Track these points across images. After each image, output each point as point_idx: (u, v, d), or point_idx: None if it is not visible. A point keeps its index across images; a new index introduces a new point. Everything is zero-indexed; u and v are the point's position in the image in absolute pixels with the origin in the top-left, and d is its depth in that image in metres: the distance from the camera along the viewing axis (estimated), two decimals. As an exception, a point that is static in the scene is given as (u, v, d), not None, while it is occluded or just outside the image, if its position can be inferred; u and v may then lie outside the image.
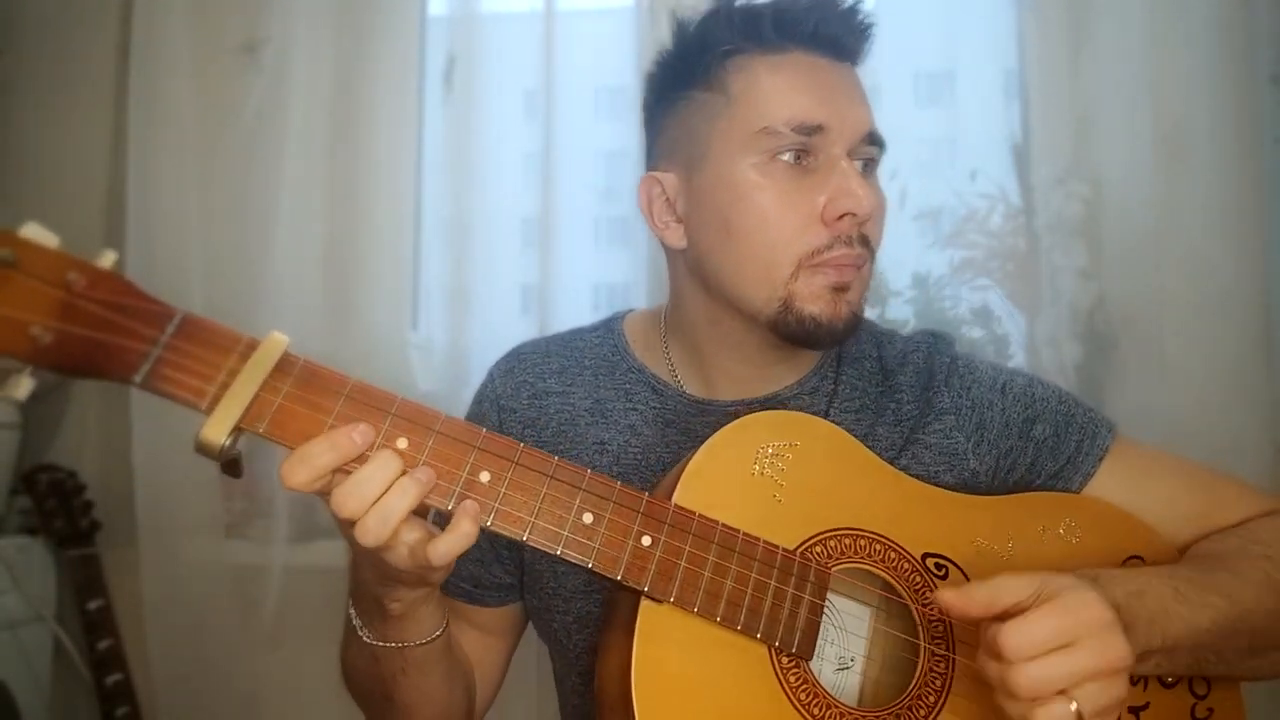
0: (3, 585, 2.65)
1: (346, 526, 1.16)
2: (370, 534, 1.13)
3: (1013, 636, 1.14)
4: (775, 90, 1.44)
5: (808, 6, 1.45)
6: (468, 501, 1.17)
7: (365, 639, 1.37)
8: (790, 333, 1.45)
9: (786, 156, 1.43)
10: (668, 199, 1.54)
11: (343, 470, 1.15)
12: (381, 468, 1.14)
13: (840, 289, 1.44)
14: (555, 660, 1.67)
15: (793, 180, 1.43)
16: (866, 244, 1.45)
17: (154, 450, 2.77)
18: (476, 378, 1.74)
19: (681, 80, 1.52)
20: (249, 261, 2.85)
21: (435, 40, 2.99)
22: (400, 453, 1.16)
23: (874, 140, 1.48)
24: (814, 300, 1.43)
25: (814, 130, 1.42)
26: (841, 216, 1.41)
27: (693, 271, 1.54)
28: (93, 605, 2.73)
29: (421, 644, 1.37)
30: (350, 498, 1.13)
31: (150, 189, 2.85)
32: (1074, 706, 1.13)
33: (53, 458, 2.87)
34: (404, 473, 1.16)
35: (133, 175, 2.85)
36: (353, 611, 1.38)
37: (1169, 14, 2.63)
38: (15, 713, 2.58)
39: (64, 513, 2.75)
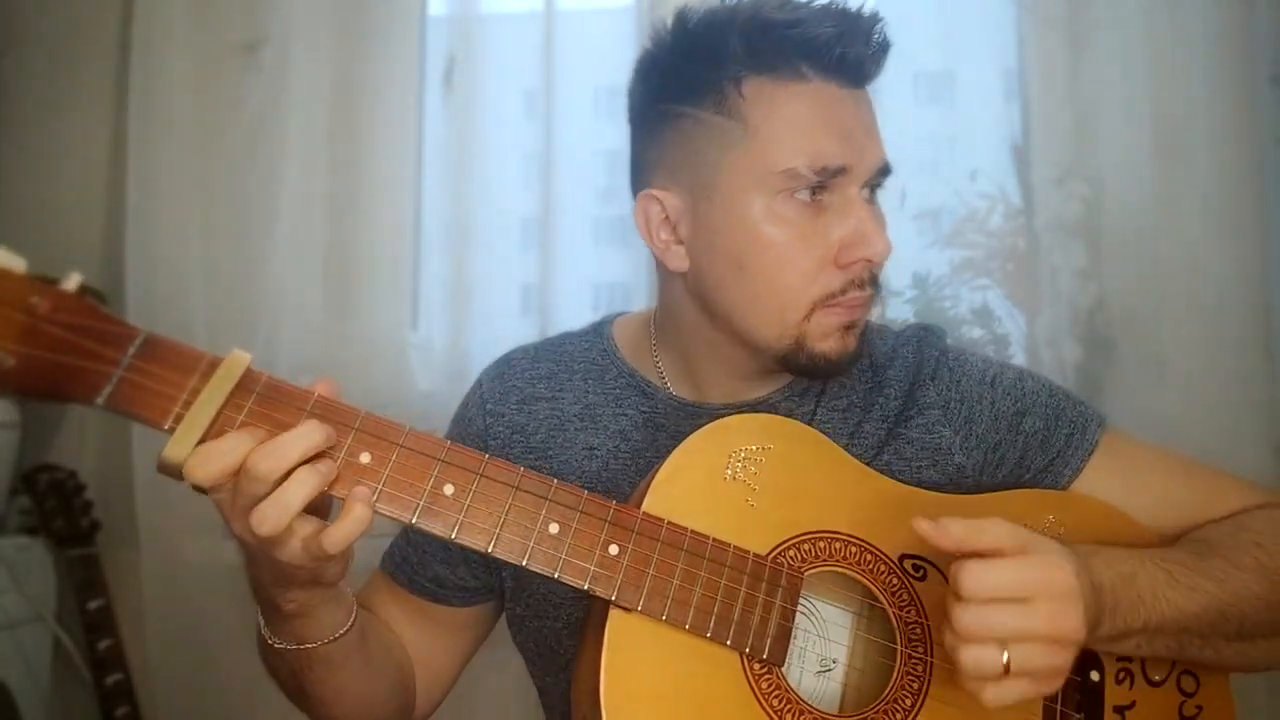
0: (3, 585, 2.66)
1: (239, 520, 1.13)
2: (268, 522, 1.10)
3: (970, 576, 1.15)
4: (797, 128, 1.38)
5: (833, 31, 1.37)
6: (359, 487, 1.15)
7: (266, 637, 1.34)
8: (799, 368, 1.46)
9: (803, 195, 1.39)
10: (667, 218, 1.48)
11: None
12: (278, 458, 1.12)
13: (850, 326, 1.43)
14: (543, 671, 1.65)
15: (808, 220, 1.39)
16: (876, 282, 1.44)
17: (154, 450, 2.71)
18: (476, 377, 1.73)
19: (686, 95, 1.44)
20: (249, 262, 2.86)
21: (435, 40, 2.99)
22: (363, 467, 1.16)
23: (888, 171, 1.45)
24: (825, 339, 1.43)
25: (837, 173, 1.38)
26: (856, 260, 1.39)
27: (692, 293, 1.51)
28: (93, 605, 2.73)
29: (322, 644, 1.33)
30: (245, 487, 1.10)
31: (150, 188, 2.85)
32: (1005, 657, 1.13)
33: (53, 458, 2.87)
34: (304, 463, 1.12)
35: (133, 175, 2.86)
36: (256, 606, 1.34)
37: (1168, 14, 2.62)
38: (15, 713, 2.58)
39: (64, 513, 2.76)
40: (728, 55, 1.40)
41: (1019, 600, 1.15)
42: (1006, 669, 1.13)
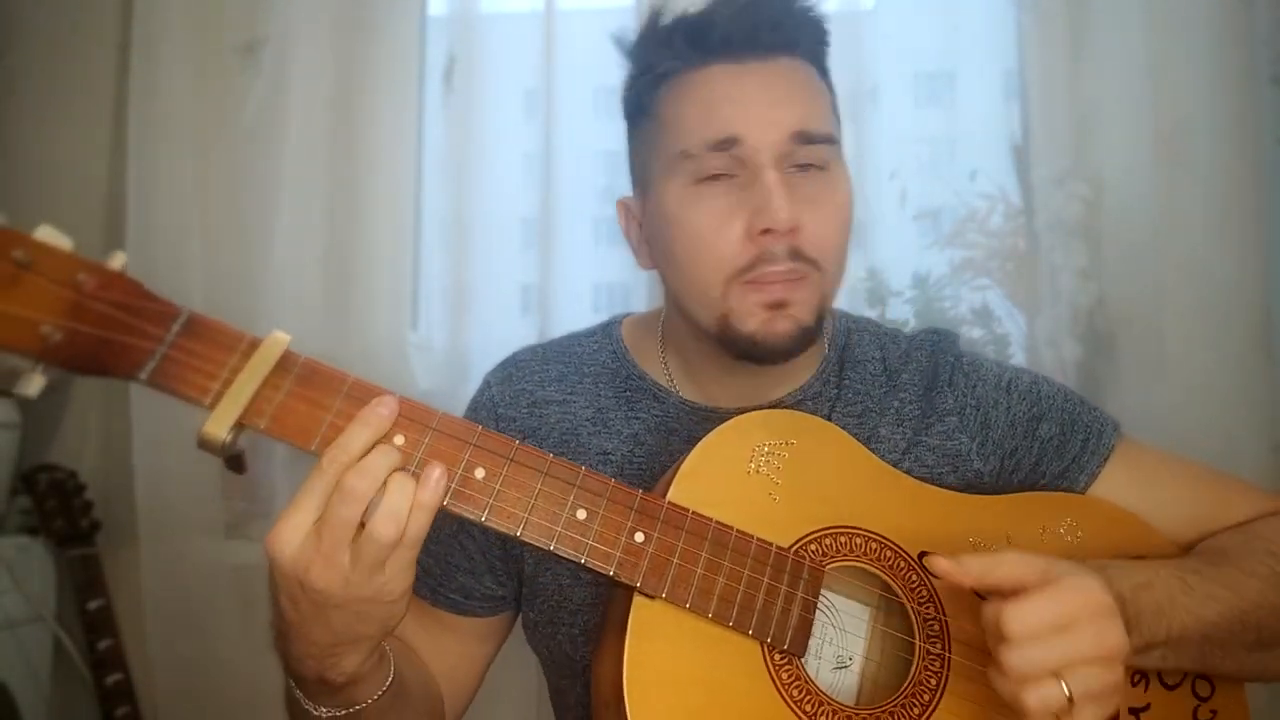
0: (3, 585, 2.65)
1: (331, 555, 1.12)
2: (393, 520, 1.12)
3: (1013, 620, 1.15)
4: (692, 110, 1.41)
5: (710, 12, 1.41)
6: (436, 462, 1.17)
7: (312, 710, 1.32)
8: (735, 350, 1.44)
9: (709, 173, 1.40)
10: (637, 222, 1.54)
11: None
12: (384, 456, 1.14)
13: (777, 305, 1.40)
14: (557, 675, 1.65)
15: (719, 199, 1.39)
16: (803, 257, 1.39)
17: (154, 450, 2.77)
18: (476, 377, 1.72)
19: (631, 105, 1.52)
20: (249, 261, 2.86)
21: (435, 40, 3.00)
22: (397, 449, 1.16)
23: (810, 139, 1.40)
24: (749, 317, 1.40)
25: (730, 144, 1.38)
26: (764, 232, 1.37)
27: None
28: (93, 605, 2.73)
29: (371, 702, 1.31)
30: (364, 477, 1.11)
31: (150, 189, 2.85)
32: (1065, 689, 1.13)
33: (53, 458, 2.87)
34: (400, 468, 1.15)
35: (132, 175, 2.86)
36: (291, 682, 1.31)
37: (1169, 14, 2.63)
38: (15, 713, 2.58)
39: (64, 513, 2.76)
40: (646, 63, 1.46)
41: (1061, 629, 1.16)
42: (1070, 700, 1.14)
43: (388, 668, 1.33)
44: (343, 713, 1.31)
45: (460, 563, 1.61)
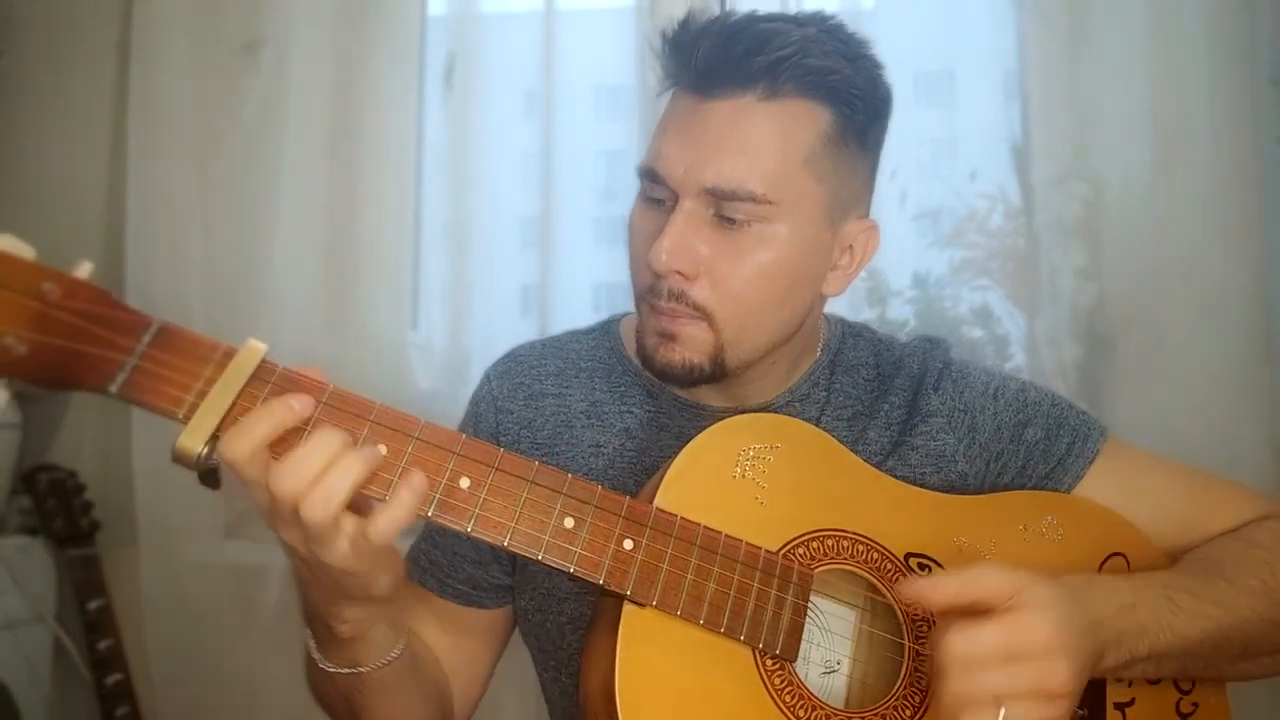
0: (3, 585, 2.66)
1: (285, 528, 1.11)
2: (316, 508, 1.07)
3: (959, 643, 1.16)
4: (657, 130, 1.44)
5: (697, 35, 1.38)
6: (413, 472, 1.13)
7: (318, 662, 1.32)
8: (641, 361, 1.48)
9: (651, 198, 1.43)
10: None
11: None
12: (322, 445, 1.09)
13: (665, 335, 1.42)
14: (542, 666, 1.65)
15: (649, 222, 1.42)
16: (687, 301, 1.39)
17: (154, 450, 2.78)
18: (476, 378, 1.72)
19: None
20: (249, 262, 2.86)
21: (435, 40, 3.00)
22: (380, 460, 1.15)
23: (723, 195, 1.36)
24: (648, 336, 1.44)
25: (653, 176, 1.40)
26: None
27: None
28: (93, 605, 2.73)
29: (376, 668, 1.31)
30: (288, 475, 1.07)
31: (150, 189, 2.87)
32: (1002, 714, 1.14)
33: (53, 458, 2.88)
34: (347, 449, 1.11)
35: (133, 175, 2.87)
36: (307, 632, 1.32)
37: (1169, 15, 2.62)
38: (15, 713, 2.58)
39: (64, 513, 2.76)
40: (664, 68, 1.45)
41: (1008, 660, 1.17)
42: None
43: (396, 640, 1.33)
44: (345, 671, 1.30)
45: (467, 553, 1.60)
